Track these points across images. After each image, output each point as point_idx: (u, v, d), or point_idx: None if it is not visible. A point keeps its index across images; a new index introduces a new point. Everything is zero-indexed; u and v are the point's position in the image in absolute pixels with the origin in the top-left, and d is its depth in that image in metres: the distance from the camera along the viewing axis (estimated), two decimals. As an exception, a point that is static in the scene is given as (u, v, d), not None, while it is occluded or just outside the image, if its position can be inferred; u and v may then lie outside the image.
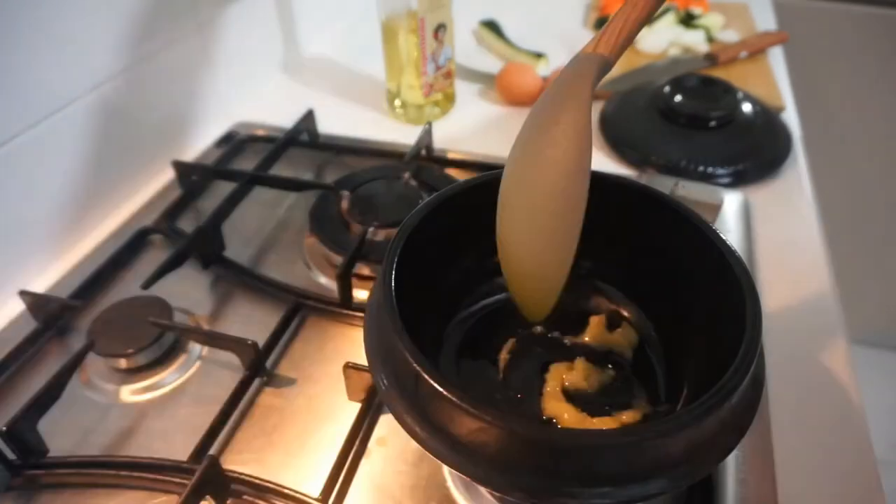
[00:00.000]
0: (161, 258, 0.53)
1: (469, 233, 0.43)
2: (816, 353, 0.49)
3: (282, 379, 0.48)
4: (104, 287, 0.56)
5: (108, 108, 0.62)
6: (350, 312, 0.52)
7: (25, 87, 0.54)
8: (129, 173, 0.67)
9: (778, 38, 0.91)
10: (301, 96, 0.82)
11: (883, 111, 1.26)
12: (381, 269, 0.36)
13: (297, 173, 0.69)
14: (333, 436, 0.43)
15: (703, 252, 0.37)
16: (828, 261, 0.57)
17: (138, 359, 0.48)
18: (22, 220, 0.56)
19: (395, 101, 0.78)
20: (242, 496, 0.40)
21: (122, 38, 0.62)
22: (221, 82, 0.77)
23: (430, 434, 0.31)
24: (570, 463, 0.29)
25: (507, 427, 0.29)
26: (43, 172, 0.57)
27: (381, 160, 0.68)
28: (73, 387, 0.47)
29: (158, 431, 0.45)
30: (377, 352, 0.35)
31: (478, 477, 0.30)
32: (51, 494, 0.41)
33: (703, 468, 0.30)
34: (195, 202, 0.66)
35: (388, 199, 0.60)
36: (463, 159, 0.69)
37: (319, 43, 0.98)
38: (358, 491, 0.41)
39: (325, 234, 0.56)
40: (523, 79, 0.78)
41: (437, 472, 0.41)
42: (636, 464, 0.30)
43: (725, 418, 0.30)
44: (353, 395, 0.45)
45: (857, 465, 0.42)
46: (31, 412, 0.41)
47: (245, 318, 0.53)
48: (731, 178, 0.66)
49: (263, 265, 0.58)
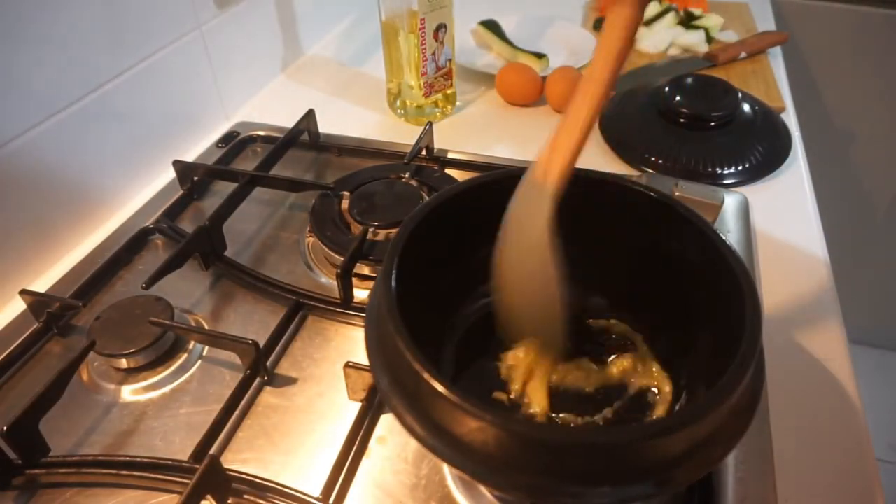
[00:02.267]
0: (162, 258, 0.53)
1: (469, 233, 0.43)
2: (816, 352, 0.49)
3: (282, 378, 0.48)
4: (105, 287, 0.56)
5: (108, 109, 0.62)
6: (350, 312, 0.52)
7: (26, 88, 0.54)
8: (129, 173, 0.67)
9: (778, 39, 0.91)
10: (301, 96, 0.82)
11: (883, 111, 1.26)
12: (381, 269, 0.36)
13: (298, 173, 0.69)
14: (334, 435, 0.44)
15: (703, 252, 0.37)
16: (827, 260, 0.57)
17: (139, 358, 0.48)
18: (23, 220, 0.56)
19: (395, 101, 0.78)
20: (243, 495, 0.40)
21: (123, 39, 0.63)
22: (221, 82, 0.77)
23: (430, 433, 0.31)
24: (569, 462, 0.29)
25: (507, 426, 0.29)
26: (44, 173, 0.57)
27: (381, 160, 0.68)
28: (74, 387, 0.47)
29: (159, 431, 0.45)
30: (378, 351, 0.35)
31: (478, 476, 0.31)
32: (52, 494, 0.41)
33: (702, 468, 0.30)
34: (196, 202, 0.66)
35: (388, 199, 0.60)
36: (463, 159, 0.69)
37: (319, 43, 0.98)
38: (358, 490, 0.41)
39: (326, 234, 0.56)
40: (523, 79, 0.78)
41: (437, 472, 0.41)
42: (636, 463, 0.30)
43: (725, 418, 0.31)
44: (354, 395, 0.45)
45: (856, 464, 0.42)
46: (32, 412, 0.41)
47: (246, 317, 0.53)
48: (731, 177, 0.66)
49: (264, 265, 0.58)
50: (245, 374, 0.47)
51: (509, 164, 0.68)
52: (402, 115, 0.78)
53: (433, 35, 0.70)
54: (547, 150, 0.37)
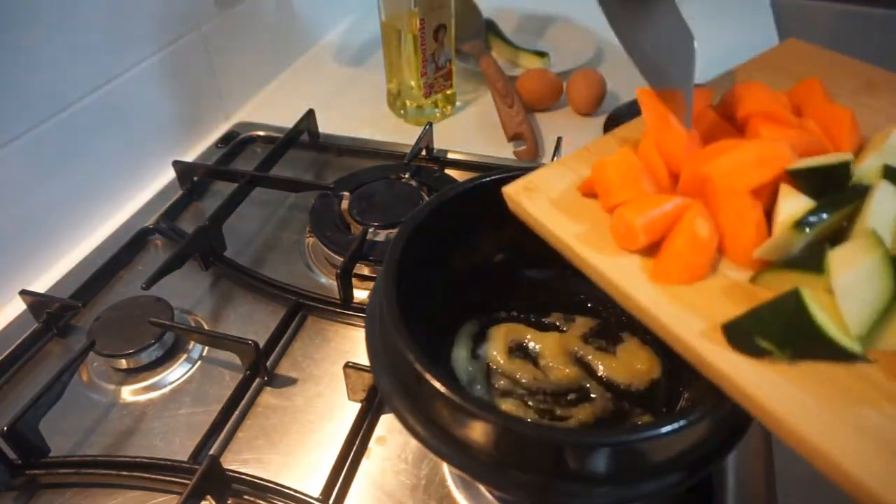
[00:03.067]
0: (161, 258, 0.53)
1: (469, 233, 0.43)
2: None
3: (282, 379, 0.48)
4: (105, 287, 0.56)
5: (108, 109, 0.62)
6: (350, 312, 0.52)
7: (27, 89, 0.54)
8: (129, 173, 0.67)
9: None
10: (301, 96, 0.82)
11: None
12: (382, 269, 0.36)
13: (298, 173, 0.69)
14: (334, 435, 0.44)
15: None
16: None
17: (139, 359, 0.48)
18: (23, 220, 0.56)
19: (395, 101, 0.78)
20: (243, 496, 0.40)
21: (123, 39, 0.63)
22: (221, 82, 0.77)
23: (431, 433, 0.31)
24: (570, 462, 0.29)
25: (507, 426, 0.29)
26: (44, 172, 0.57)
27: (381, 160, 0.68)
28: (74, 387, 0.47)
29: (159, 431, 0.45)
30: (378, 352, 0.35)
31: (478, 476, 0.31)
32: (51, 494, 0.41)
33: (702, 468, 0.30)
34: (195, 202, 0.66)
35: (388, 199, 0.60)
36: (463, 160, 0.69)
37: (319, 43, 0.98)
38: (358, 490, 0.41)
39: (326, 234, 0.56)
40: (544, 85, 0.77)
41: (437, 472, 0.41)
42: (636, 463, 0.30)
43: (725, 418, 0.31)
44: (354, 395, 0.45)
45: (857, 464, 0.42)
46: (32, 412, 0.41)
47: (245, 318, 0.53)
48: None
49: (264, 265, 0.58)
50: (245, 374, 0.47)
51: (509, 164, 0.68)
52: (402, 116, 0.78)
53: (433, 35, 0.70)
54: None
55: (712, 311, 0.30)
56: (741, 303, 0.30)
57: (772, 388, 0.27)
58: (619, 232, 0.34)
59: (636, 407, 0.39)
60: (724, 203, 0.33)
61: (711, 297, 0.31)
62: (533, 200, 0.38)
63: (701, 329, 0.30)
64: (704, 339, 0.29)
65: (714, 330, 0.29)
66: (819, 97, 0.39)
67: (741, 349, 0.29)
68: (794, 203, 0.32)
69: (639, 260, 0.34)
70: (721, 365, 0.28)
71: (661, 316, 0.31)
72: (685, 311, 0.31)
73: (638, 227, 0.33)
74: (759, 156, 0.33)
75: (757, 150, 0.34)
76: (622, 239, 0.34)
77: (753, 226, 0.32)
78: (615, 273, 0.33)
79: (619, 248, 0.34)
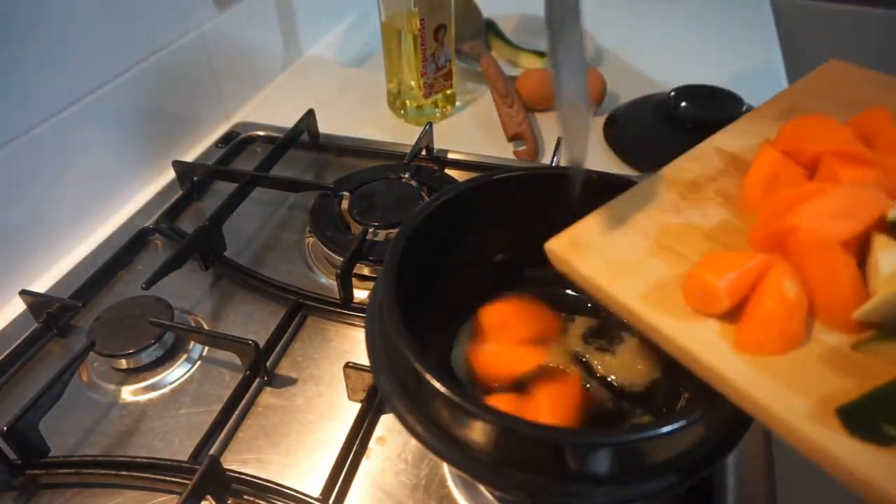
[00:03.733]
0: (161, 258, 0.53)
1: (470, 233, 0.43)
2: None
3: (282, 379, 0.48)
4: (105, 287, 0.56)
5: (108, 109, 0.62)
6: (350, 312, 0.52)
7: (26, 89, 0.54)
8: (129, 173, 0.67)
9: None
10: (301, 96, 0.82)
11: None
12: (382, 269, 0.36)
13: (298, 173, 0.69)
14: (334, 435, 0.44)
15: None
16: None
17: (139, 359, 0.48)
18: (23, 220, 0.56)
19: (395, 101, 0.78)
20: (243, 496, 0.40)
21: (123, 39, 0.63)
22: (221, 82, 0.77)
23: (431, 433, 0.31)
24: (570, 462, 0.29)
25: (507, 426, 0.29)
26: (44, 173, 0.57)
27: (381, 160, 0.68)
28: (74, 387, 0.47)
29: (159, 431, 0.45)
30: (378, 352, 0.35)
31: (478, 476, 0.31)
32: (51, 494, 0.41)
33: (702, 468, 0.30)
34: (195, 202, 0.66)
35: (388, 199, 0.60)
36: (463, 160, 0.69)
37: (319, 43, 0.98)
38: (358, 491, 0.41)
39: (326, 234, 0.56)
40: (546, 84, 0.77)
41: (437, 472, 0.41)
42: (636, 463, 0.30)
43: (725, 419, 0.31)
44: (354, 395, 0.45)
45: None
46: (31, 412, 0.41)
47: (245, 318, 0.53)
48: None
49: (264, 265, 0.58)
50: (245, 374, 0.47)
51: (509, 164, 0.68)
52: (402, 116, 0.78)
53: (433, 35, 0.70)
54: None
55: (814, 385, 0.27)
56: (846, 374, 0.27)
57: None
58: (694, 295, 0.30)
59: (636, 407, 0.39)
60: (812, 259, 0.29)
61: (810, 369, 0.27)
62: (584, 258, 0.33)
63: (806, 409, 0.26)
64: (814, 422, 0.25)
65: (822, 410, 0.26)
66: (889, 128, 0.35)
67: (862, 436, 0.25)
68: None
69: (717, 325, 0.30)
70: (842, 455, 0.24)
71: (757, 393, 0.27)
72: (782, 386, 0.27)
73: (722, 290, 0.29)
74: (848, 203, 0.30)
75: (845, 196, 0.30)
76: (699, 302, 0.30)
77: (849, 284, 0.28)
78: (694, 343, 0.29)
79: (693, 312, 0.30)
